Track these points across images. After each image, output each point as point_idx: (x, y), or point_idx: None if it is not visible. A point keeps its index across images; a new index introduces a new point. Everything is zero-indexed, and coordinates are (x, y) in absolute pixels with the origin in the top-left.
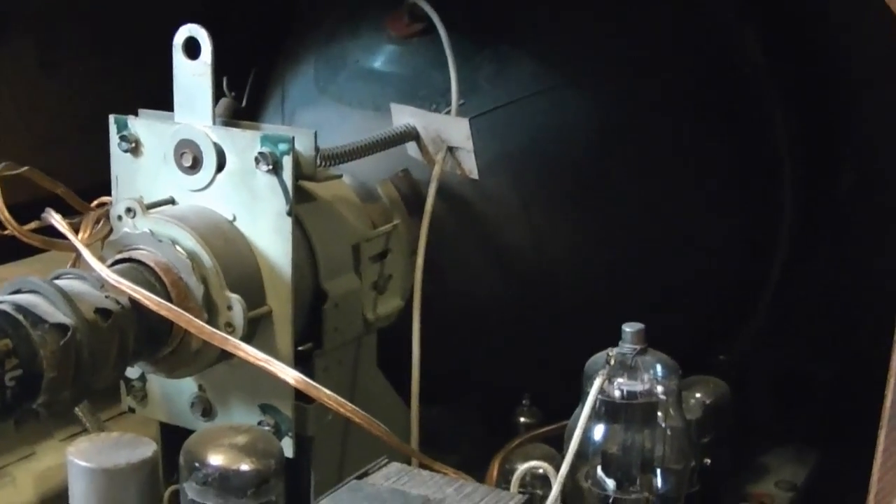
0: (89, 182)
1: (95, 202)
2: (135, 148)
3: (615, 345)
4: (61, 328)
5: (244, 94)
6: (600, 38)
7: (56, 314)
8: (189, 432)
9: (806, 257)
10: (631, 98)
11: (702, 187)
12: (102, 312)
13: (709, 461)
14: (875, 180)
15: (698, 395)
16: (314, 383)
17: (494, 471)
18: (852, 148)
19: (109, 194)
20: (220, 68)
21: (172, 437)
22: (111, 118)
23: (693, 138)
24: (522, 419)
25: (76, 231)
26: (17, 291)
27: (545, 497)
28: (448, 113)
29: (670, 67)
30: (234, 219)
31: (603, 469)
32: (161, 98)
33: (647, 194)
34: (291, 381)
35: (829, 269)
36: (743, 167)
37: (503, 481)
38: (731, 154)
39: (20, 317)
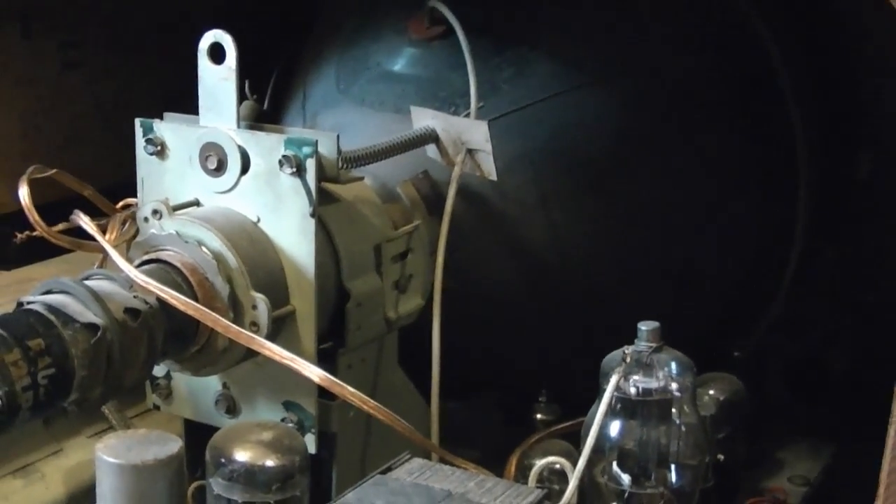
0: (111, 181)
1: (121, 203)
2: (160, 151)
3: (632, 341)
4: (92, 328)
5: (266, 97)
6: (616, 38)
7: (87, 314)
8: (213, 429)
9: (822, 247)
10: (647, 96)
11: (717, 181)
12: (132, 312)
13: (723, 457)
14: (892, 169)
15: (712, 391)
16: (338, 381)
17: (513, 466)
18: (869, 136)
19: (130, 193)
20: (242, 71)
21: (196, 433)
22: (137, 121)
23: (708, 133)
24: (540, 415)
25: (103, 232)
26: (49, 292)
27: (562, 492)
28: (467, 115)
29: (685, 63)
30: (259, 220)
31: (619, 464)
32: (181, 98)
33: (663, 190)
34: (316, 379)
35: (845, 258)
36: (759, 159)
37: (521, 476)
38: (746, 147)
39: (52, 317)
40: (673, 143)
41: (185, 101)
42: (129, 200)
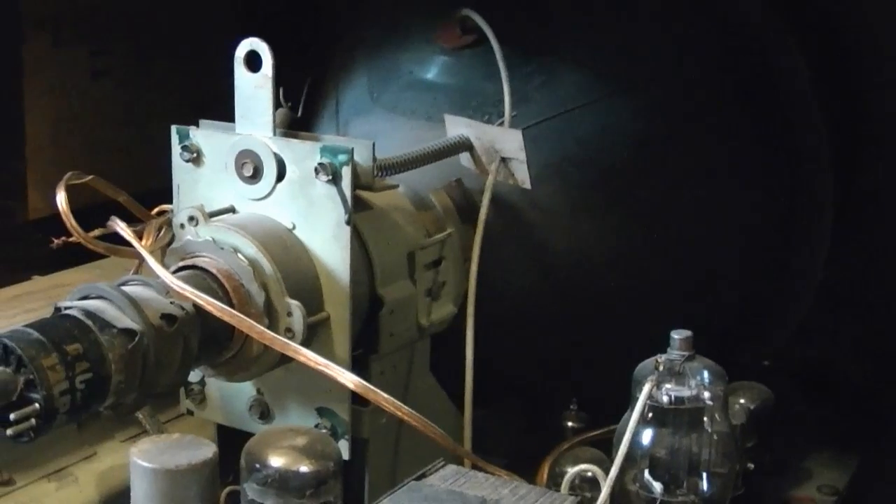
0: (141, 187)
1: (156, 210)
2: (196, 157)
3: (658, 348)
4: (129, 333)
5: (300, 104)
6: (645, 47)
7: (124, 319)
8: (245, 434)
9: (842, 255)
10: (674, 104)
11: (742, 190)
12: (168, 318)
13: (752, 465)
14: None
15: (743, 400)
16: (372, 387)
17: (544, 473)
18: (887, 141)
19: (159, 199)
20: (277, 78)
21: (229, 439)
22: (173, 128)
23: (734, 141)
24: (570, 423)
25: (139, 238)
26: (86, 297)
27: (594, 499)
28: (500, 124)
29: (710, 71)
30: (294, 227)
31: (650, 472)
32: (208, 104)
33: (689, 199)
34: (351, 385)
35: (864, 265)
36: (782, 168)
37: (552, 484)
38: (770, 156)
39: (89, 322)
40: (699, 151)
41: (213, 107)
42: (164, 207)
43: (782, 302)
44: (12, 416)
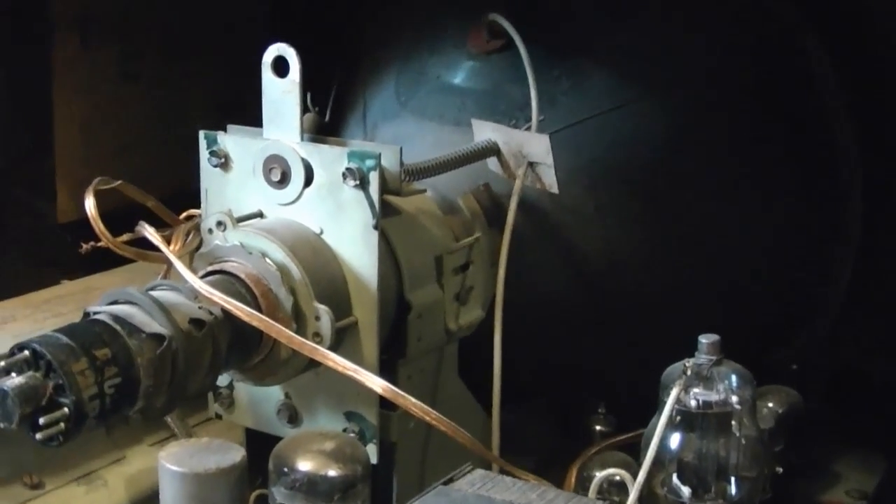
0: (168, 190)
1: (184, 214)
2: (224, 163)
3: (685, 351)
4: (158, 338)
5: (327, 109)
6: (673, 52)
7: (152, 324)
8: (274, 438)
9: (870, 258)
10: (702, 108)
11: (769, 193)
12: (196, 323)
13: (780, 469)
14: None
15: (771, 404)
16: (401, 392)
17: (572, 477)
18: None
19: (187, 201)
20: (304, 83)
21: (257, 443)
22: (201, 134)
23: (762, 145)
24: (598, 427)
25: (167, 243)
26: (115, 302)
27: None
28: (528, 128)
29: (738, 76)
30: (322, 232)
31: (678, 477)
32: (236, 107)
33: (716, 202)
34: (379, 390)
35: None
36: (809, 171)
37: (580, 488)
38: (797, 160)
39: (118, 327)
40: (727, 155)
41: (241, 109)
42: (193, 211)
43: (812, 304)
44: (42, 421)
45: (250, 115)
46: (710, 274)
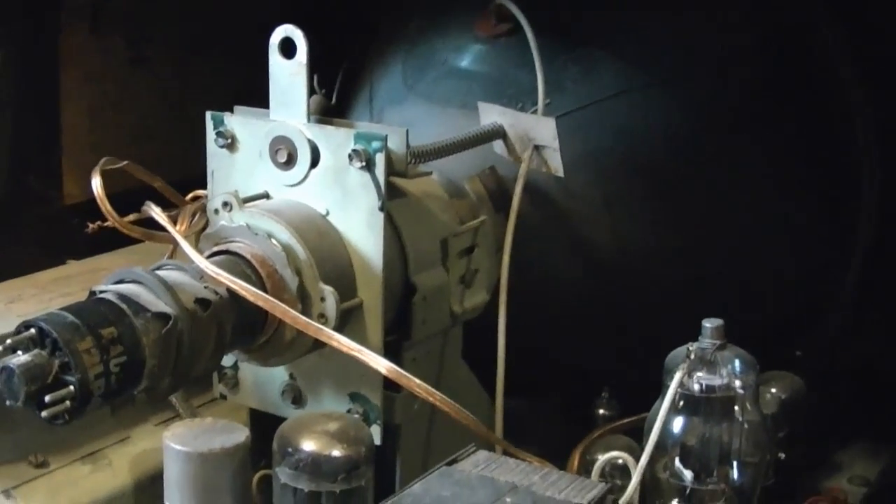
0: (178, 174)
1: (190, 195)
2: (231, 144)
3: (692, 337)
4: (163, 317)
5: (334, 92)
6: (682, 39)
7: (158, 304)
8: (277, 419)
9: (881, 246)
10: (712, 96)
11: (781, 183)
12: (202, 303)
13: (783, 455)
14: None
15: (774, 390)
16: (405, 373)
17: (575, 461)
18: None
19: (196, 186)
20: (312, 65)
21: (261, 423)
22: (208, 114)
23: (773, 134)
24: (602, 411)
25: (174, 223)
26: (121, 281)
27: (624, 487)
28: (535, 112)
29: (752, 65)
30: (328, 213)
31: (681, 461)
32: (247, 93)
33: (726, 190)
34: (383, 371)
35: None
36: (823, 163)
37: (583, 471)
38: (810, 149)
39: (124, 306)
40: (737, 144)
41: (252, 95)
42: (199, 192)
43: (824, 296)
44: (47, 399)
45: (259, 100)
46: (719, 263)
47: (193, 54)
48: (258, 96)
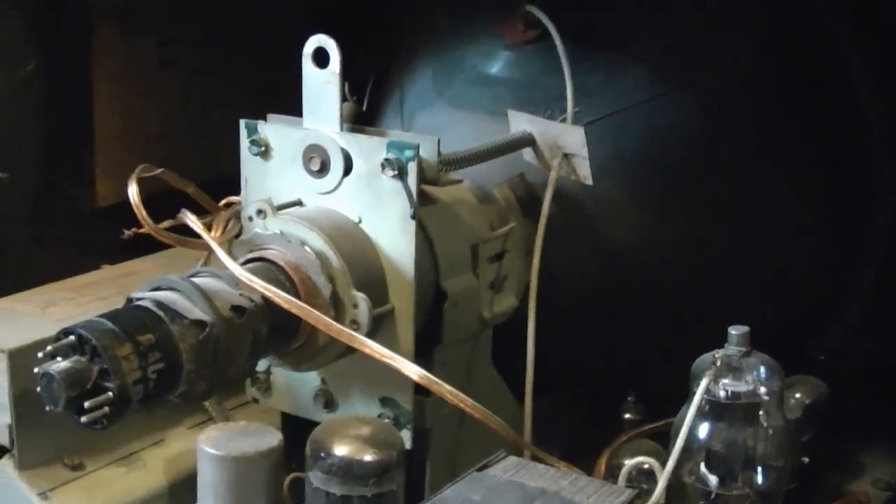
0: (207, 175)
1: (224, 202)
2: (264, 151)
3: (718, 342)
4: (199, 324)
5: (365, 98)
6: (707, 43)
7: (194, 311)
8: (310, 423)
9: None
10: (736, 101)
11: (802, 184)
12: (237, 309)
13: (807, 459)
14: None
15: (798, 395)
16: (436, 379)
17: (602, 465)
18: None
19: (226, 188)
20: (344, 73)
21: (293, 427)
22: (242, 123)
23: (794, 138)
24: (628, 415)
25: (208, 230)
26: (158, 289)
27: (650, 491)
28: (563, 120)
29: (772, 70)
30: (360, 221)
31: (706, 465)
32: (275, 94)
33: (750, 193)
34: (415, 377)
35: None
36: (839, 164)
37: (610, 476)
38: (826, 152)
39: (161, 313)
40: (760, 147)
41: (279, 97)
42: (232, 199)
43: (846, 294)
44: (87, 404)
45: (287, 101)
46: (745, 266)
47: (221, 55)
48: (286, 97)
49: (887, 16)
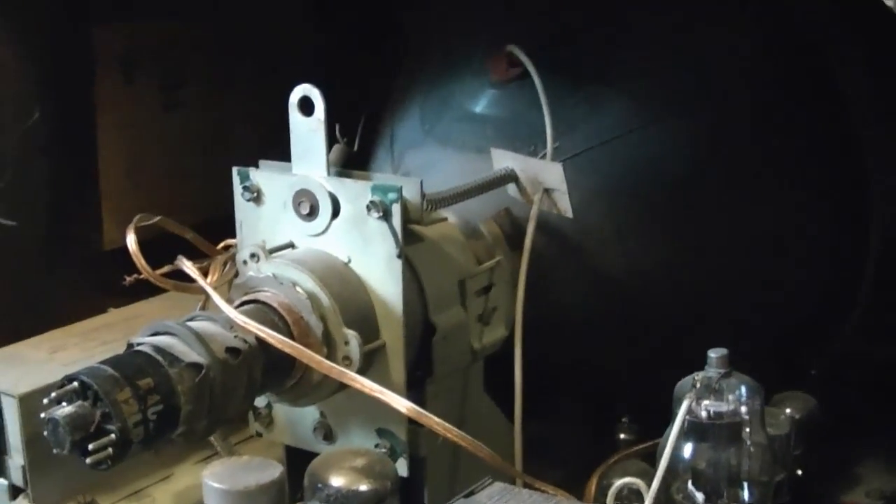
0: (211, 214)
1: (221, 245)
2: (257, 197)
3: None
4: (196, 367)
5: (356, 139)
6: (688, 74)
7: (191, 354)
8: (311, 454)
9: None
10: (719, 129)
11: (792, 210)
12: (232, 351)
13: (800, 472)
14: None
15: (788, 410)
16: (423, 411)
17: (593, 486)
18: None
19: (229, 226)
20: (332, 117)
21: (296, 458)
22: (234, 170)
23: (781, 162)
24: (622, 435)
25: (205, 274)
26: (155, 334)
27: None
28: (544, 156)
29: (759, 96)
30: (349, 261)
31: (693, 484)
32: (276, 136)
33: (737, 220)
34: (404, 410)
35: None
36: (832, 183)
37: (601, 496)
38: (819, 173)
39: (159, 357)
40: (745, 176)
41: (280, 138)
42: (229, 242)
43: (834, 310)
44: (91, 447)
45: (288, 141)
46: (732, 289)
47: (224, 98)
48: (288, 140)
49: (885, 28)
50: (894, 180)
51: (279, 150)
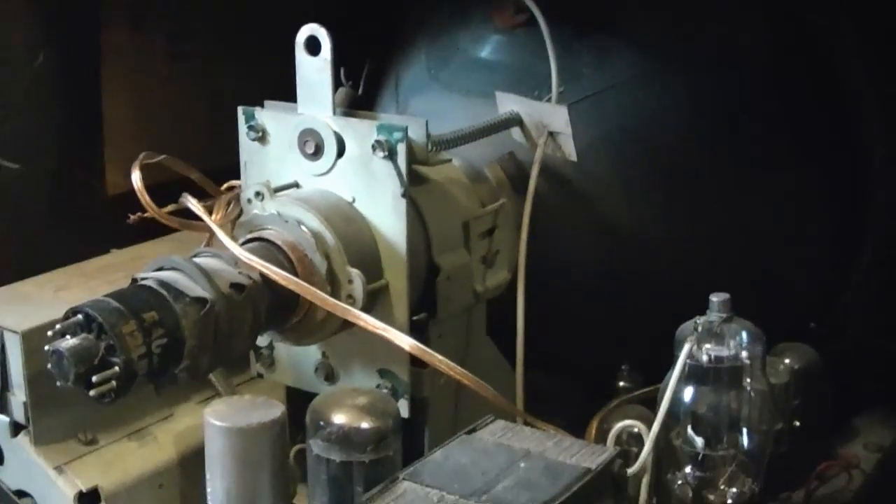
0: (218, 163)
1: (225, 186)
2: (262, 137)
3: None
4: (201, 301)
5: (360, 83)
6: (695, 27)
7: (196, 289)
8: (313, 395)
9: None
10: (724, 82)
11: (796, 163)
12: (237, 287)
13: (798, 423)
14: None
15: (787, 360)
16: (427, 349)
17: (593, 430)
18: None
19: (235, 175)
20: (337, 60)
21: (297, 399)
22: (239, 109)
23: (787, 116)
24: (622, 383)
25: (209, 213)
26: (161, 269)
27: (640, 454)
28: (549, 100)
29: (766, 50)
30: (354, 200)
31: (693, 428)
32: (281, 86)
33: (740, 172)
34: (407, 347)
35: None
36: (837, 142)
37: (601, 440)
38: (824, 128)
39: (164, 292)
40: (751, 127)
41: (286, 87)
42: (233, 183)
43: (836, 272)
44: (95, 379)
45: (293, 90)
46: (735, 239)
47: (231, 48)
48: (292, 87)
49: (888, 15)
50: None
51: (286, 100)
